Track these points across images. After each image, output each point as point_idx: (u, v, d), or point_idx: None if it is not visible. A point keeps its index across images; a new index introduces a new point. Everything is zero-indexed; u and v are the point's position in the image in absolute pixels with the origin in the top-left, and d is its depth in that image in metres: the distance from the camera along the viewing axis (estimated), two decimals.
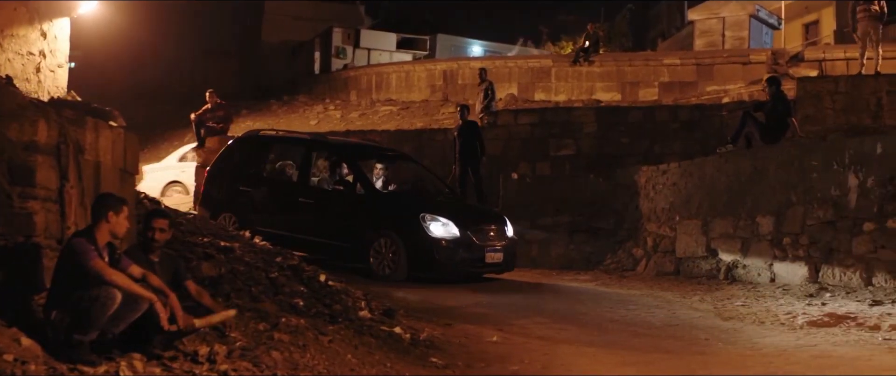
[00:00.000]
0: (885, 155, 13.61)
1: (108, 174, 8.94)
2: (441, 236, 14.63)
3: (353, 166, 15.97)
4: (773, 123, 16.82)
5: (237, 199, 16.26)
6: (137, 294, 6.83)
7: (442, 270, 14.67)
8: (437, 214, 14.85)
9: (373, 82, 37.06)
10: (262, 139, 17.55)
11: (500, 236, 15.44)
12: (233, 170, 16.82)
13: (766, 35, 33.40)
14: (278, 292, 9.92)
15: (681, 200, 16.65)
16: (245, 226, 15.22)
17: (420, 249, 14.55)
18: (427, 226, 14.62)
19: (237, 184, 16.47)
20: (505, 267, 15.50)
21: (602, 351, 10.01)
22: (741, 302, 13.39)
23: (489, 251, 15.05)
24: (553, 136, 22.24)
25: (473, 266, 15.02)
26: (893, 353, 9.64)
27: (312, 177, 16.26)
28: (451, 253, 14.68)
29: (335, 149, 16.87)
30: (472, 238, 14.86)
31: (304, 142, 16.88)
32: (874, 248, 13.49)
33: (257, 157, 16.93)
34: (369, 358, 8.29)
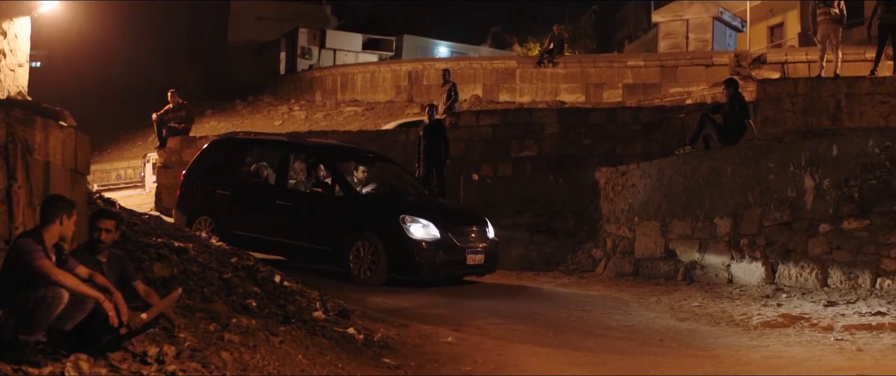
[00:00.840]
0: (840, 157, 13.70)
1: (58, 174, 8.88)
2: (421, 238, 14.42)
3: (331, 168, 15.72)
4: (730, 125, 16.91)
5: (213, 203, 16.09)
6: (84, 293, 6.78)
7: (422, 273, 14.45)
8: (418, 216, 14.67)
9: (338, 83, 37.04)
10: (238, 141, 17.34)
11: (481, 237, 15.28)
12: (209, 172, 16.61)
13: (729, 37, 33.61)
14: (231, 293, 9.88)
15: (640, 201, 16.70)
16: (222, 230, 15.21)
17: (400, 252, 14.36)
18: (407, 228, 14.42)
19: (213, 187, 16.27)
20: (486, 269, 15.33)
21: (556, 351, 10.04)
22: (698, 303, 13.45)
23: (470, 253, 14.86)
24: (515, 137, 22.24)
25: (454, 268, 14.81)
26: (844, 354, 9.70)
27: (290, 180, 16.01)
28: (432, 255, 14.45)
29: (313, 151, 16.55)
30: (452, 240, 14.66)
31: (282, 144, 16.68)
32: (830, 249, 13.58)
33: (234, 160, 16.71)
34: (320, 359, 8.25)
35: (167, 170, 24.62)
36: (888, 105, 18.94)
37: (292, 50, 43.39)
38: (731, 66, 27.29)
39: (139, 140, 37.18)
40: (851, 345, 10.07)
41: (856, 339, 10.39)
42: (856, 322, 11.28)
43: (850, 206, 13.43)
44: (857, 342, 10.24)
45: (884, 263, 13.07)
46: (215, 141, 18.06)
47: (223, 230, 15.30)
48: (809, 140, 14.81)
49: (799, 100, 19.72)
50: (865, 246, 13.25)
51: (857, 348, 9.92)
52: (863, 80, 19.56)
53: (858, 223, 13.32)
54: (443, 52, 46.77)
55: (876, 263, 13.12)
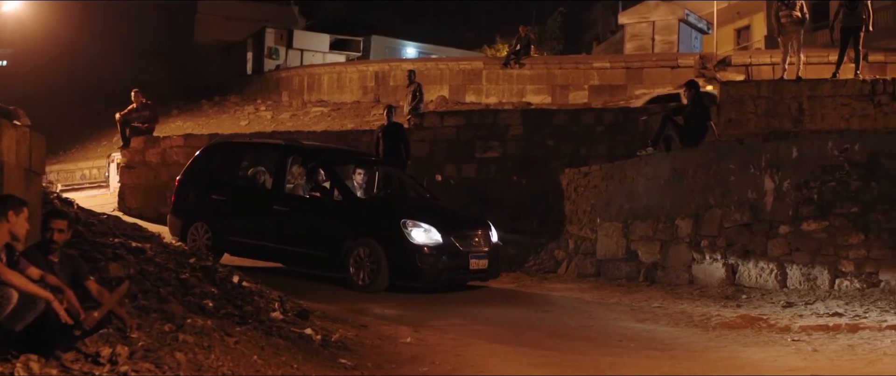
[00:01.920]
0: (800, 159, 13.80)
1: (12, 174, 8.80)
2: (423, 243, 14.01)
3: (329, 171, 15.35)
4: (691, 127, 16.97)
5: (209, 208, 15.78)
6: (34, 293, 6.73)
7: (425, 278, 14.09)
8: (419, 220, 14.26)
9: (305, 83, 36.99)
10: (234, 145, 17.19)
11: (485, 242, 14.88)
12: (204, 177, 16.31)
13: (695, 39, 33.72)
14: (188, 293, 9.82)
15: (602, 202, 16.74)
16: (218, 237, 15.09)
17: (401, 257, 13.95)
18: (408, 233, 14.02)
19: (209, 192, 15.96)
20: (490, 273, 14.98)
21: (514, 352, 10.06)
22: (658, 303, 13.49)
23: (473, 257, 14.47)
24: (479, 138, 22.22)
25: (457, 273, 14.41)
26: (800, 355, 9.77)
27: (287, 184, 15.61)
28: (434, 260, 14.04)
29: (311, 154, 16.01)
30: (455, 244, 14.27)
31: (279, 148, 16.24)
32: (789, 251, 13.68)
33: (230, 164, 16.39)
34: (275, 360, 8.22)
35: (130, 170, 24.54)
36: (849, 108, 19.11)
37: (259, 50, 43.33)
38: (696, 67, 27.44)
39: (104, 140, 37.02)
40: (808, 346, 10.13)
41: (812, 340, 10.45)
42: (813, 323, 11.36)
43: (810, 208, 13.54)
44: (813, 343, 10.30)
45: (842, 264, 13.19)
46: (211, 145, 17.75)
47: (219, 236, 15.13)
48: (770, 142, 14.90)
49: (762, 103, 19.87)
50: (824, 247, 13.37)
51: (814, 349, 9.98)
52: (824, 83, 19.74)
53: (817, 224, 13.43)
54: (410, 52, 46.80)
55: (834, 264, 13.24)
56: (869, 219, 13.13)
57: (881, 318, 11.39)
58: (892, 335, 10.48)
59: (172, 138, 25.23)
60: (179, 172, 23.66)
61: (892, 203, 13.06)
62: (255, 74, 42.46)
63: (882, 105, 19.09)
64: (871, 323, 11.12)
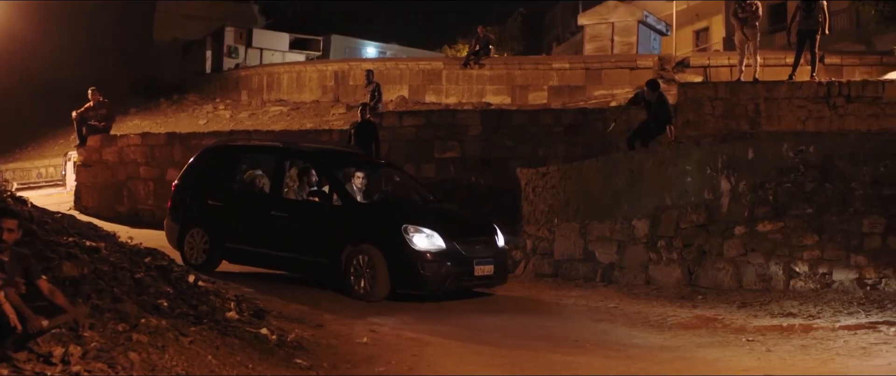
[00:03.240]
0: (756, 160, 13.91)
1: None
2: (426, 249, 13.33)
3: (329, 175, 14.67)
4: (654, 126, 17.15)
5: (206, 214, 15.32)
6: None
7: (428, 286, 13.42)
8: (421, 225, 13.57)
9: (264, 82, 36.86)
10: (231, 148, 16.54)
11: (490, 247, 14.26)
12: (201, 182, 15.82)
13: (654, 41, 33.89)
14: (143, 293, 9.74)
15: (560, 203, 16.76)
16: (215, 243, 14.76)
17: (403, 264, 13.28)
18: (410, 239, 13.33)
19: (206, 197, 15.49)
20: (496, 280, 14.30)
21: (471, 352, 10.07)
22: (615, 304, 13.54)
23: (478, 263, 13.77)
24: (438, 139, 22.21)
25: (462, 280, 13.70)
26: (754, 354, 9.86)
27: (286, 188, 14.96)
28: (438, 266, 13.36)
29: (309, 158, 15.36)
30: (459, 250, 13.57)
31: (276, 151, 15.60)
32: (745, 251, 13.78)
33: (227, 168, 15.88)
34: (230, 359, 8.18)
35: (87, 169, 24.38)
36: (805, 109, 19.26)
37: (219, 49, 43.12)
38: (655, 69, 27.54)
39: (61, 138, 36.74)
40: (762, 346, 10.22)
41: (766, 340, 10.54)
42: (768, 323, 11.48)
43: (765, 209, 13.66)
44: (767, 343, 10.39)
45: (796, 265, 13.32)
46: (207, 148, 17.11)
47: (217, 243, 14.77)
48: (726, 143, 15.00)
49: (719, 104, 19.99)
50: (779, 248, 13.49)
51: (768, 349, 10.07)
52: (781, 85, 19.90)
53: (772, 225, 13.55)
54: (371, 52, 46.77)
55: (789, 265, 13.37)
56: (823, 221, 13.26)
57: (834, 318, 11.52)
58: (844, 335, 10.59)
59: (130, 137, 25.07)
60: (136, 171, 23.73)
61: (845, 204, 13.19)
62: (214, 73, 42.25)
63: (837, 107, 19.26)
64: (824, 324, 11.24)
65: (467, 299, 13.88)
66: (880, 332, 10.64)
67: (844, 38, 33.31)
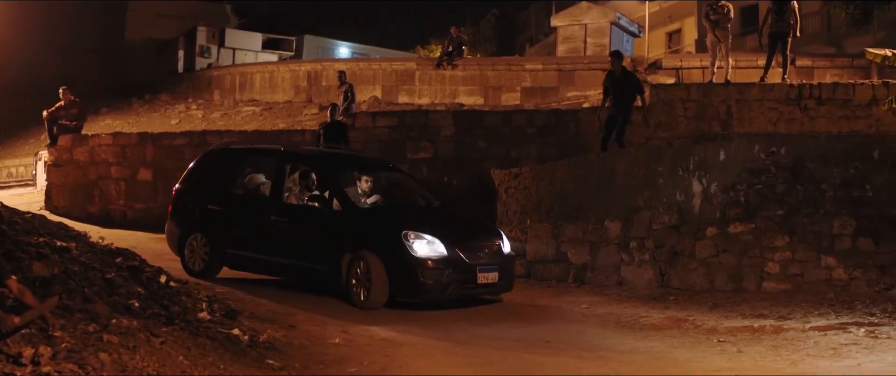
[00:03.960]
0: (728, 162, 13.98)
1: None
2: (426, 256, 12.88)
3: (329, 179, 14.19)
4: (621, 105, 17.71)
5: (206, 219, 15.01)
6: None
7: (428, 294, 13.01)
8: (422, 231, 13.12)
9: (236, 82, 36.74)
10: (232, 151, 16.12)
11: (495, 253, 13.75)
12: (201, 186, 15.48)
13: (627, 42, 33.92)
14: (114, 293, 9.69)
15: (532, 204, 16.79)
16: (216, 248, 14.52)
17: (403, 271, 12.84)
18: (410, 245, 12.89)
19: (206, 202, 15.15)
20: (502, 287, 13.82)
21: (443, 353, 10.09)
22: (587, 304, 13.57)
23: (482, 270, 13.30)
24: (411, 139, 22.21)
25: (464, 287, 13.24)
26: (725, 355, 9.90)
27: (286, 193, 14.54)
28: (438, 274, 12.91)
29: (310, 161, 14.87)
30: (461, 256, 13.11)
31: (276, 154, 15.18)
32: (716, 253, 13.85)
33: (227, 172, 15.46)
34: (202, 360, 8.16)
35: (58, 169, 24.24)
36: (777, 111, 19.37)
37: (191, 48, 42.95)
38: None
39: (32, 138, 36.55)
40: (733, 347, 10.27)
41: (737, 341, 10.59)
42: (739, 324, 11.53)
43: (737, 210, 13.72)
44: (738, 343, 10.44)
45: (768, 266, 13.39)
46: (208, 152, 16.65)
47: (217, 249, 14.52)
48: (698, 145, 15.07)
49: (691, 106, 20.08)
50: (750, 249, 13.56)
51: (739, 350, 10.12)
52: (753, 87, 20.00)
53: (744, 227, 13.62)
54: (344, 52, 46.69)
55: (760, 266, 13.44)
56: (794, 222, 13.34)
57: (805, 319, 11.59)
58: (815, 336, 10.65)
59: (101, 137, 24.95)
60: (108, 171, 23.62)
61: (816, 206, 13.28)
62: (187, 73, 42.06)
63: (808, 109, 19.39)
64: (795, 325, 11.30)
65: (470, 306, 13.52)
66: (850, 333, 10.71)
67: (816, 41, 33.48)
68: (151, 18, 46.89)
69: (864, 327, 10.95)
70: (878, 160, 13.22)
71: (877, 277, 12.89)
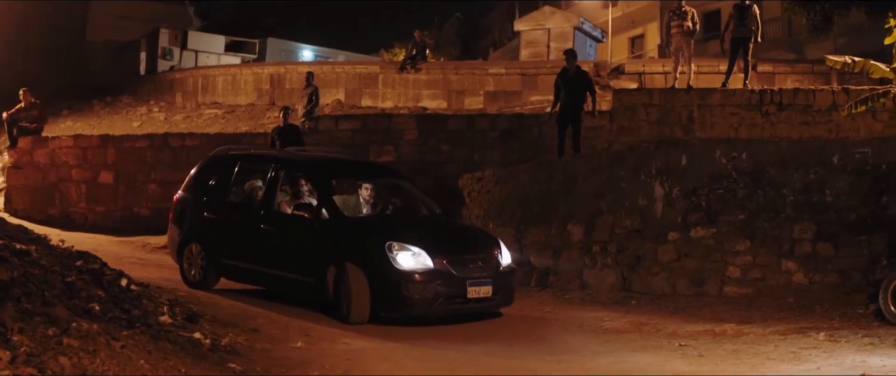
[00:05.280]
0: (689, 166, 14.07)
1: None
2: (411, 268, 12.13)
3: (318, 186, 13.61)
4: (571, 105, 17.79)
5: (203, 228, 14.54)
6: None
7: (413, 309, 12.24)
8: (408, 242, 12.39)
9: (199, 85, 36.54)
10: (229, 157, 15.38)
11: (489, 265, 12.82)
12: (200, 193, 14.96)
13: (590, 47, 34.05)
14: (74, 296, 9.62)
15: (495, 208, 16.82)
16: (211, 258, 14.07)
17: (386, 284, 12.14)
18: (394, 257, 12.17)
19: (202, 209, 14.65)
20: (498, 301, 12.92)
21: (405, 357, 10.10)
22: (550, 308, 13.62)
23: (473, 284, 12.40)
24: (374, 143, 22.19)
25: (452, 302, 12.37)
26: (686, 359, 9.96)
27: (278, 200, 13.89)
28: (423, 288, 12.13)
29: (301, 167, 14.33)
30: (449, 269, 12.30)
31: (272, 160, 14.61)
32: (678, 257, 13.94)
33: (224, 179, 14.82)
34: (163, 364, 8.11)
35: (18, 171, 24.06)
36: (738, 116, 19.50)
37: (153, 50, 42.71)
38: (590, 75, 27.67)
39: None
40: (694, 351, 10.33)
41: (699, 345, 10.66)
42: (700, 328, 11.61)
43: (698, 215, 13.81)
44: (699, 347, 10.51)
45: (729, 271, 13.49)
46: (208, 157, 15.98)
47: (212, 258, 14.10)
48: (660, 149, 15.15)
49: (653, 111, 20.17)
50: (712, 253, 13.65)
51: (700, 354, 10.18)
52: (714, 92, 20.11)
53: (705, 231, 13.71)
54: (307, 55, 46.57)
55: (721, 271, 13.53)
56: (755, 227, 13.45)
57: (765, 323, 11.70)
58: (775, 340, 10.74)
59: (62, 139, 24.78)
60: (68, 173, 23.47)
61: (776, 211, 13.39)
62: (149, 75, 41.81)
63: (769, 115, 19.51)
64: (755, 329, 11.40)
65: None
66: (810, 337, 10.81)
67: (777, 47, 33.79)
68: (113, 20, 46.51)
69: (823, 331, 11.05)
70: (837, 165, 13.34)
71: (836, 282, 13.00)
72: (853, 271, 12.97)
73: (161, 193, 22.92)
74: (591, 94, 18.15)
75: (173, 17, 47.54)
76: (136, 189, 23.34)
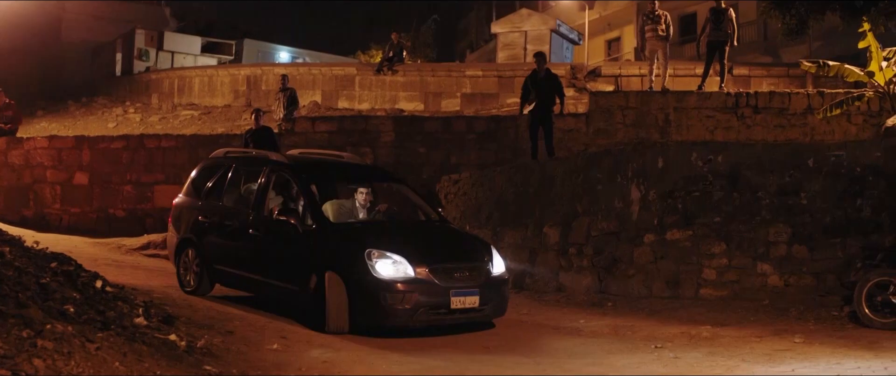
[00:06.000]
0: (666, 169, 14.08)
1: None
2: (390, 277, 11.58)
3: (305, 190, 13.09)
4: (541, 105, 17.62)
5: (198, 232, 14.20)
6: None
7: (392, 319, 11.60)
8: (388, 249, 11.81)
9: (175, 86, 36.44)
10: (226, 159, 15.04)
11: (477, 275, 12.14)
12: (197, 196, 14.70)
13: (566, 50, 34.15)
14: (48, 298, 9.57)
15: (472, 210, 16.84)
16: (206, 263, 13.79)
17: (364, 293, 11.59)
18: (373, 265, 11.61)
19: (198, 213, 14.35)
20: (488, 311, 12.24)
21: (381, 358, 10.09)
22: (526, 311, 13.60)
23: (457, 294, 11.75)
24: (351, 144, 22.13)
25: (435, 313, 11.77)
26: (661, 361, 9.98)
27: (270, 204, 13.38)
28: (403, 297, 11.54)
29: (290, 170, 13.66)
30: (431, 278, 11.68)
31: (264, 162, 14.10)
32: (654, 259, 13.95)
33: (219, 181, 14.49)
34: (138, 366, 8.07)
35: None
36: (714, 119, 19.57)
37: (129, 51, 42.57)
38: (567, 77, 27.70)
39: None
40: (670, 353, 10.35)
41: (674, 347, 10.69)
42: (676, 330, 11.62)
43: (674, 217, 13.83)
44: (675, 349, 10.53)
45: (705, 273, 13.50)
46: (207, 160, 15.65)
47: (207, 263, 13.80)
48: (636, 152, 15.16)
49: (630, 113, 20.23)
50: (688, 256, 13.66)
51: (675, 356, 10.20)
52: (690, 95, 20.19)
53: (681, 234, 13.72)
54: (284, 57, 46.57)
55: (698, 273, 13.55)
56: (731, 229, 13.47)
57: (741, 325, 11.74)
58: (751, 342, 10.78)
59: (36, 139, 24.62)
60: (43, 174, 23.34)
61: (752, 213, 13.42)
62: (125, 76, 41.67)
63: (745, 117, 19.61)
64: (731, 331, 11.44)
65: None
66: (785, 339, 10.85)
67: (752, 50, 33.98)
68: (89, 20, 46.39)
69: (798, 333, 11.10)
70: (812, 168, 13.39)
71: (811, 284, 13.05)
72: (828, 273, 13.01)
73: (136, 195, 22.87)
74: (559, 96, 18.20)
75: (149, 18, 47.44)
76: (112, 190, 23.22)
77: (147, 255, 19.27)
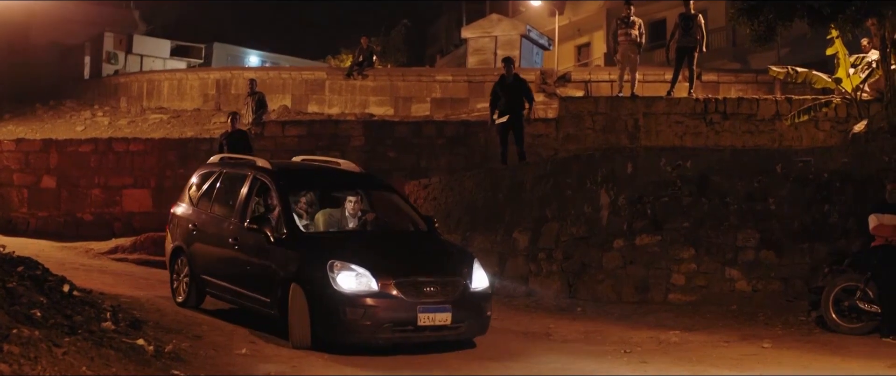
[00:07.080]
0: (635, 174, 14.15)
1: None
2: (352, 291, 10.83)
3: (282, 199, 12.37)
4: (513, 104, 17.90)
5: (188, 240, 13.80)
6: None
7: (353, 335, 10.84)
8: (351, 261, 11.07)
9: (144, 89, 36.25)
10: (217, 166, 14.59)
11: (450, 289, 11.23)
12: (188, 203, 14.36)
13: (536, 55, 34.20)
14: (15, 303, 9.50)
15: (441, 215, 16.81)
16: (194, 272, 13.45)
17: (325, 306, 10.90)
18: (334, 277, 10.90)
19: (189, 221, 13.95)
20: (463, 330, 11.29)
21: (349, 365, 10.08)
22: (496, 316, 13.51)
23: (425, 310, 10.88)
24: (321, 148, 22.07)
25: (402, 330, 10.88)
26: (630, 366, 10.02)
27: (252, 212, 12.74)
28: (364, 312, 10.75)
29: (269, 176, 12.93)
30: (397, 293, 10.86)
31: (248, 167, 13.59)
32: (624, 264, 14.00)
33: (209, 188, 14.08)
34: (106, 371, 8.02)
35: None
36: (683, 125, 19.62)
37: (98, 54, 42.23)
38: (537, 82, 27.73)
39: None
40: (638, 358, 10.40)
41: (643, 352, 10.73)
42: (645, 335, 11.68)
43: (643, 222, 13.88)
44: (643, 354, 10.58)
45: (674, 278, 13.58)
46: (203, 166, 15.14)
47: (196, 273, 13.42)
48: (606, 157, 15.21)
49: (599, 119, 20.26)
50: (657, 261, 13.73)
51: (643, 361, 10.24)
52: (660, 101, 20.24)
53: (651, 239, 13.78)
54: (253, 60, 46.39)
55: (667, 278, 13.62)
56: (699, 234, 13.54)
57: (709, 330, 11.80)
58: (719, 346, 10.84)
59: (3, 143, 24.49)
60: (10, 177, 23.20)
61: (721, 219, 13.50)
62: (93, 79, 41.38)
63: (714, 123, 19.67)
64: (700, 336, 11.50)
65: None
66: (753, 344, 10.93)
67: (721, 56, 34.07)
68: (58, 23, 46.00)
69: (766, 338, 11.17)
70: (780, 174, 13.48)
71: (779, 289, 13.14)
72: (796, 279, 13.11)
73: (104, 198, 22.78)
74: (528, 100, 18.22)
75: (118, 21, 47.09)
76: (79, 194, 23.12)
77: (115, 259, 19.17)
